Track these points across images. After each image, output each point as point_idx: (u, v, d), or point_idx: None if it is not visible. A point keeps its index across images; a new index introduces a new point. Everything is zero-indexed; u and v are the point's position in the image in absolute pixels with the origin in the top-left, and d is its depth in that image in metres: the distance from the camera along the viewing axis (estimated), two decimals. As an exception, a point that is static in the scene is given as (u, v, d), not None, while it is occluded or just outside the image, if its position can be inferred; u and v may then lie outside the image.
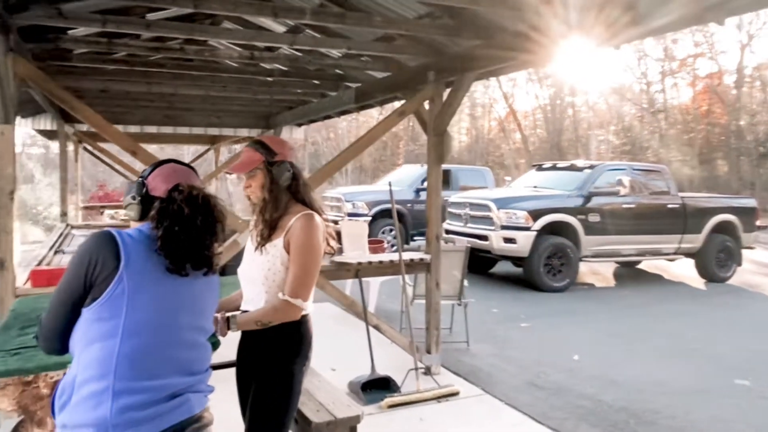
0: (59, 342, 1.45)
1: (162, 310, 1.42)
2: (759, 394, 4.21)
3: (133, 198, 1.53)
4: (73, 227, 7.33)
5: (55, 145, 8.88)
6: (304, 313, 1.99)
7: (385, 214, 10.62)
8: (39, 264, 4.68)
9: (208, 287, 1.58)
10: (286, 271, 1.96)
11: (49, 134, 9.28)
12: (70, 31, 4.21)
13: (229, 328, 1.93)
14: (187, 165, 1.66)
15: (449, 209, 9.27)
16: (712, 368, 4.79)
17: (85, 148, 8.97)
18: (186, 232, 1.45)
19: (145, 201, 1.51)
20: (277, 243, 1.98)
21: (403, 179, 11.83)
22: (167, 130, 9.13)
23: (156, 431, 1.34)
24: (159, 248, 1.43)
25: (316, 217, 2.01)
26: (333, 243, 2.11)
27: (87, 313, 1.37)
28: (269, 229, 2.01)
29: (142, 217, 1.51)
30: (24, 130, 8.86)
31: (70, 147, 8.71)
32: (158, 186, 1.53)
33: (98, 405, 1.30)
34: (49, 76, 3.81)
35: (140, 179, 1.56)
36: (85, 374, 1.34)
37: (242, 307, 2.12)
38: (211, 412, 1.56)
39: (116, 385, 1.31)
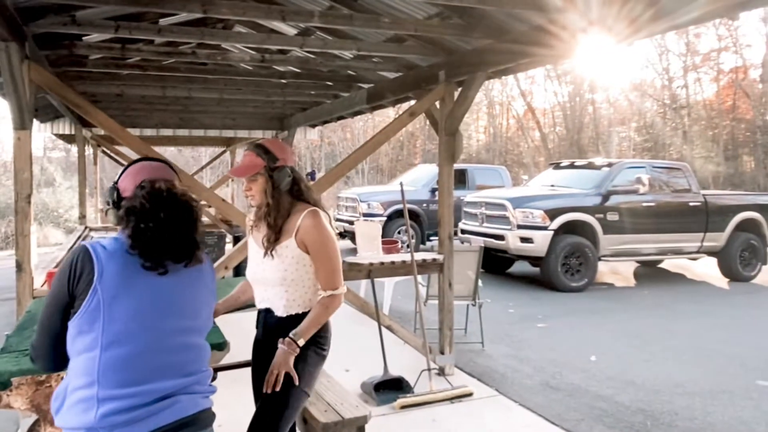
0: (52, 359, 1.48)
1: (142, 317, 1.40)
2: (782, 396, 4.11)
3: (107, 204, 1.53)
4: (91, 229, 7.47)
5: (75, 149, 9.06)
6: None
7: (401, 214, 10.60)
8: (56, 266, 4.77)
9: (195, 282, 1.53)
10: (305, 269, 2.03)
11: (67, 138, 9.48)
12: (84, 38, 4.28)
13: (298, 346, 1.96)
14: (161, 160, 1.66)
15: (465, 209, 9.22)
16: (734, 369, 4.68)
17: (104, 152, 9.13)
18: (154, 228, 1.41)
19: (119, 204, 1.51)
20: (289, 244, 2.02)
21: (418, 179, 11.81)
22: (183, 132, 9.25)
23: None
24: (129, 248, 1.42)
25: (320, 211, 2.06)
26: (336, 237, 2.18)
27: (70, 327, 1.40)
28: (276, 233, 2.04)
29: (120, 221, 1.49)
30: (44, 134, 9.04)
31: (89, 150, 8.88)
32: (127, 186, 1.52)
33: (85, 411, 1.34)
34: (65, 82, 3.89)
35: (113, 183, 1.56)
36: (74, 383, 1.38)
37: (259, 306, 2.16)
38: (212, 412, 1.54)
39: (100, 393, 1.34)
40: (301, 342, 1.97)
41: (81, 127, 8.04)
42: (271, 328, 2.10)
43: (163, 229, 1.43)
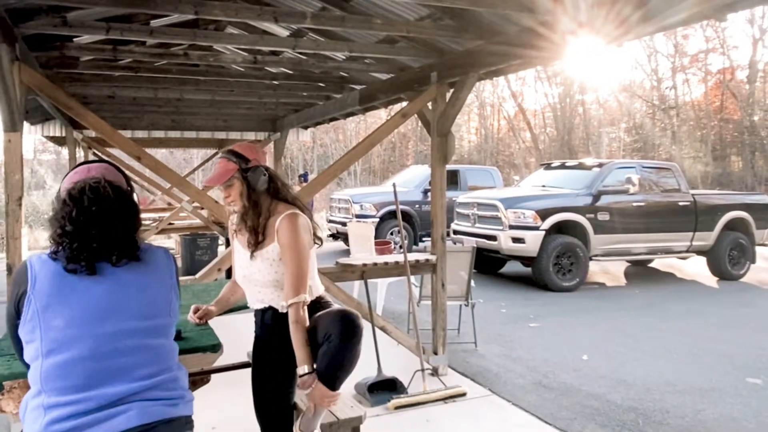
0: (27, 367, 1.48)
1: (78, 323, 1.35)
2: (771, 393, 4.16)
3: (50, 221, 1.48)
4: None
5: (66, 152, 8.99)
6: (318, 295, 2.13)
7: (394, 215, 10.62)
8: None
9: (139, 280, 1.45)
10: None
11: (58, 140, 9.41)
12: (75, 39, 4.27)
13: (311, 371, 1.95)
14: (102, 160, 1.61)
15: (457, 209, 9.26)
16: (724, 367, 4.73)
17: (95, 154, 9.07)
18: (73, 231, 1.37)
19: None
20: (274, 247, 2.04)
21: (410, 180, 11.83)
22: (174, 134, 9.21)
23: None
24: (51, 254, 1.38)
25: (300, 215, 2.06)
26: (319, 233, 2.19)
27: (20, 338, 1.41)
28: (256, 234, 2.05)
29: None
30: (34, 136, 8.97)
31: (80, 153, 8.82)
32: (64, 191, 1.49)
33: (35, 419, 1.33)
34: (56, 84, 3.87)
35: (56, 197, 1.51)
36: (30, 391, 1.39)
37: (255, 306, 2.17)
38: (183, 421, 1.44)
39: (45, 401, 1.33)
40: (307, 368, 1.95)
41: (72, 130, 7.99)
42: (272, 324, 2.13)
43: (83, 230, 1.38)
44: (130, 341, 1.39)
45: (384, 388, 3.88)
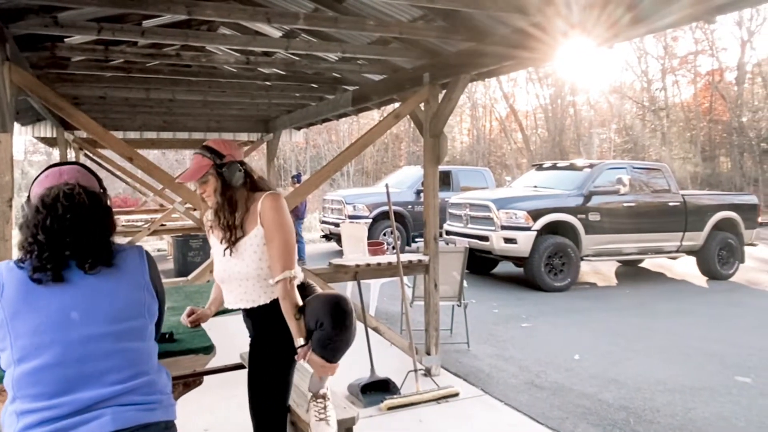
0: None
1: (46, 330, 1.33)
2: (760, 392, 4.20)
3: (20, 228, 1.44)
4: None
5: (57, 152, 8.93)
6: (300, 281, 2.07)
7: (387, 216, 10.63)
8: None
9: (110, 284, 1.42)
10: None
11: (49, 142, 9.34)
12: (66, 39, 4.24)
13: (306, 342, 1.95)
14: (74, 163, 1.58)
15: (449, 210, 9.28)
16: (714, 366, 4.77)
17: (86, 155, 9.01)
18: (44, 239, 1.35)
19: None
20: (257, 232, 2.01)
21: (403, 181, 11.85)
22: (166, 135, 9.17)
23: None
24: (18, 262, 1.36)
25: (281, 195, 2.07)
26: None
27: None
28: (231, 231, 2.02)
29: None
30: (25, 137, 8.90)
31: (71, 154, 8.75)
32: (35, 196, 1.45)
33: (10, 425, 1.33)
34: (46, 84, 3.84)
35: (26, 201, 1.48)
36: (7, 398, 1.38)
37: (235, 306, 2.14)
38: (161, 426, 1.41)
39: (18, 407, 1.33)
40: (302, 341, 1.95)
41: (63, 130, 7.93)
42: (261, 320, 2.11)
43: (55, 238, 1.36)
44: (102, 346, 1.37)
45: (377, 389, 3.89)
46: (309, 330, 1.98)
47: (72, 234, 1.38)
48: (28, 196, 1.49)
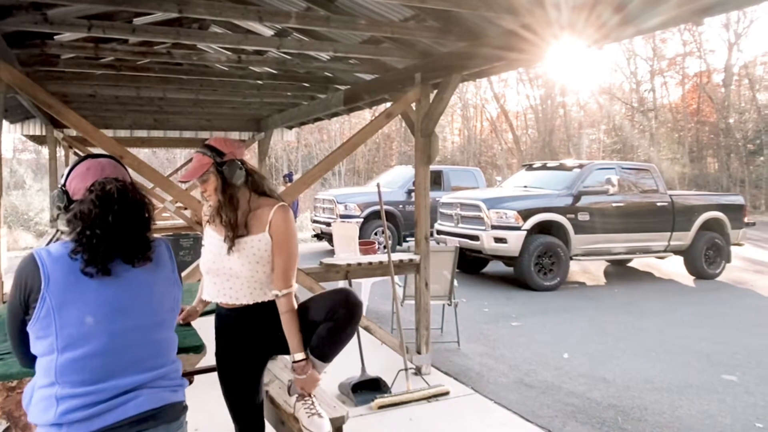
0: (27, 359, 1.51)
1: (92, 321, 1.40)
2: (745, 389, 4.26)
3: (59, 209, 1.50)
4: (63, 233, 7.29)
5: (46, 151, 8.85)
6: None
7: (378, 215, 10.64)
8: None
9: (149, 279, 1.51)
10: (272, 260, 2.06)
11: (38, 139, 9.25)
12: (56, 37, 4.21)
13: (305, 358, 2.05)
14: (108, 156, 1.63)
15: (440, 210, 9.31)
16: (700, 364, 4.84)
17: (76, 153, 8.93)
18: (101, 234, 1.41)
19: (69, 208, 1.48)
20: (262, 237, 2.04)
21: (394, 180, 11.86)
22: (157, 134, 9.12)
23: (99, 427, 1.37)
24: (71, 253, 1.41)
25: (288, 208, 2.11)
26: None
27: (29, 333, 1.43)
28: (234, 228, 2.03)
29: (69, 224, 1.46)
30: (14, 135, 8.81)
31: (61, 152, 8.68)
32: (78, 188, 1.49)
33: (46, 409, 1.39)
34: (36, 82, 3.80)
35: (61, 186, 1.53)
36: (39, 382, 1.43)
37: (221, 300, 2.14)
38: (182, 405, 1.54)
39: (58, 392, 1.38)
40: (303, 355, 2.05)
41: (52, 128, 7.86)
42: (238, 319, 2.12)
43: (111, 233, 1.42)
44: (140, 337, 1.47)
45: (368, 388, 3.90)
46: (315, 323, 2.05)
47: (125, 229, 1.45)
48: (63, 187, 1.52)
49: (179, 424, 1.50)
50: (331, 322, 2.04)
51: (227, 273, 2.08)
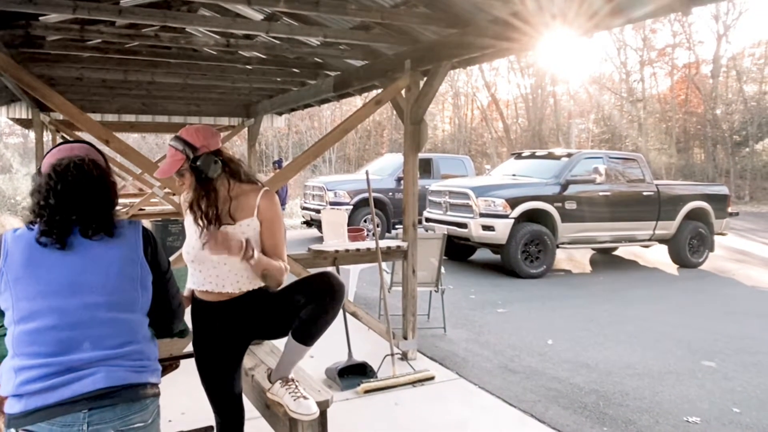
0: None
1: (46, 296, 1.44)
2: (723, 375, 4.36)
3: (32, 194, 1.55)
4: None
5: (33, 134, 8.74)
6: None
7: (367, 202, 10.64)
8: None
9: (107, 256, 1.51)
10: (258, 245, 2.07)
11: (24, 123, 9.13)
12: (41, 17, 4.15)
13: (252, 256, 1.97)
14: (82, 141, 1.69)
15: (429, 197, 9.35)
16: (681, 351, 4.93)
17: (63, 137, 8.83)
18: (54, 204, 1.47)
19: None
20: (250, 222, 2.05)
21: (384, 168, 11.86)
22: (145, 118, 9.03)
23: (56, 400, 1.40)
24: (28, 224, 1.49)
25: (273, 191, 2.14)
26: None
27: None
28: (214, 220, 2.01)
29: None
30: (-2, 118, 8.69)
31: (48, 136, 8.58)
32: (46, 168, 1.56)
33: (9, 380, 1.45)
34: (20, 64, 3.76)
35: (37, 170, 1.61)
36: (7, 354, 1.51)
37: (205, 287, 2.12)
38: (147, 388, 1.52)
39: (17, 363, 1.45)
40: (255, 260, 1.97)
41: (39, 112, 7.75)
42: (222, 308, 2.13)
43: (65, 203, 1.48)
44: (95, 314, 1.48)
45: (354, 373, 3.95)
46: (298, 306, 2.07)
47: (79, 200, 1.50)
48: (39, 168, 1.60)
49: (142, 405, 1.49)
50: (313, 304, 2.06)
51: (213, 260, 2.06)
